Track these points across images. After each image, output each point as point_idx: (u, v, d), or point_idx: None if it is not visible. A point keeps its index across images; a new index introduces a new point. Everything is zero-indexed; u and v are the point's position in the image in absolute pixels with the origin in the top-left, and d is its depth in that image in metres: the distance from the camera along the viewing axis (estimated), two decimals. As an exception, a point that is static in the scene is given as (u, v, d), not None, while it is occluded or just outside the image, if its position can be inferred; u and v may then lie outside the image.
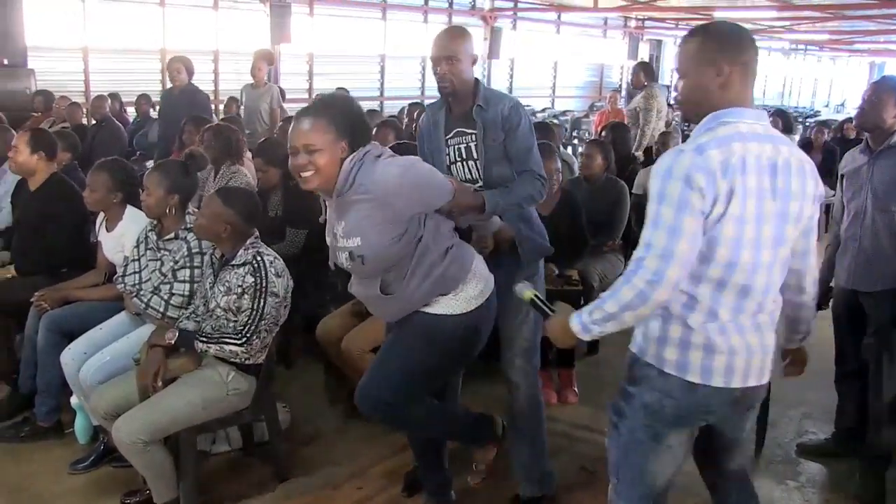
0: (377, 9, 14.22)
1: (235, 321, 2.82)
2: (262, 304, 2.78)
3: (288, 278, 2.89)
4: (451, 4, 15.64)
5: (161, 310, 3.07)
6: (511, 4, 16.34)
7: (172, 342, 2.79)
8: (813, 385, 4.08)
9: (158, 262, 3.18)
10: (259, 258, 2.82)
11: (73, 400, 3.27)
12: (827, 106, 26.40)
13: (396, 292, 2.37)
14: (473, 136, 2.74)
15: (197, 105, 5.97)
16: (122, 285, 3.25)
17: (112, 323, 3.25)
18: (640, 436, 1.94)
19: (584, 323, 1.88)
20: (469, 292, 2.43)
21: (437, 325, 2.41)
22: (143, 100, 8.34)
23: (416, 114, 6.51)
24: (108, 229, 3.47)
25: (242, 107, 6.95)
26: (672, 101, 8.08)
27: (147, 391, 2.74)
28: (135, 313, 3.21)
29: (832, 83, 31.66)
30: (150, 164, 6.50)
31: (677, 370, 1.87)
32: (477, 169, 2.76)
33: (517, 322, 2.80)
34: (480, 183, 2.75)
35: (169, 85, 7.66)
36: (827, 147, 8.15)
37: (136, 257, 3.27)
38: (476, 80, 2.76)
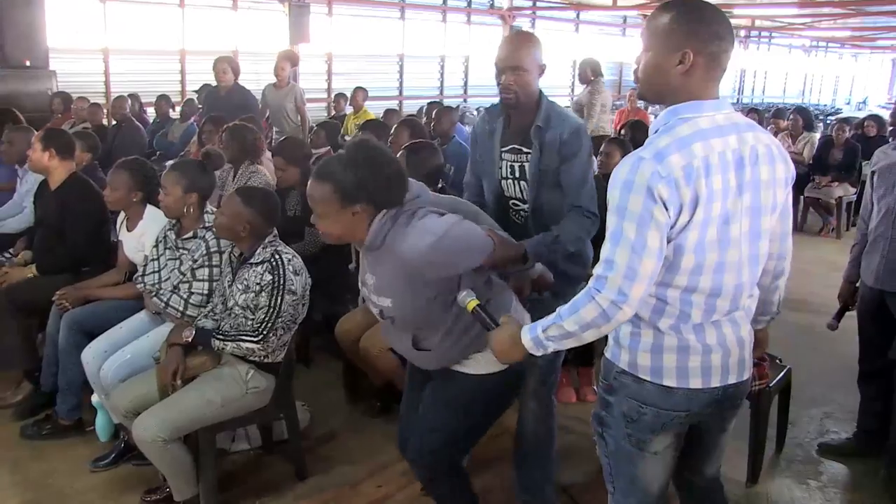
0: (396, 8, 14.24)
1: (253, 319, 2.82)
2: (279, 301, 2.78)
3: (306, 276, 2.89)
4: (469, 3, 15.62)
5: (180, 308, 3.08)
6: (530, 3, 16.29)
7: (190, 340, 2.80)
8: (834, 384, 4.07)
9: (177, 262, 3.20)
10: (277, 256, 2.82)
11: (94, 398, 3.29)
12: (848, 103, 26.11)
13: (431, 349, 2.24)
14: (527, 157, 2.62)
15: (247, 105, 5.97)
16: (142, 284, 3.26)
17: (132, 322, 3.27)
18: (625, 445, 1.87)
19: (537, 338, 1.79)
20: None
21: (479, 386, 2.26)
22: (162, 100, 8.39)
23: (434, 113, 6.50)
24: (129, 229, 3.49)
25: (266, 108, 6.98)
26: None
27: (167, 390, 2.75)
28: (154, 312, 3.22)
29: (854, 80, 31.30)
30: (169, 163, 6.55)
31: (652, 376, 1.80)
32: (524, 191, 2.67)
33: None
34: (527, 206, 2.67)
35: (201, 84, 7.70)
36: (848, 144, 8.05)
37: (156, 256, 3.28)
38: (540, 92, 2.62)
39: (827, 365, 4.39)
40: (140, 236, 3.43)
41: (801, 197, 7.98)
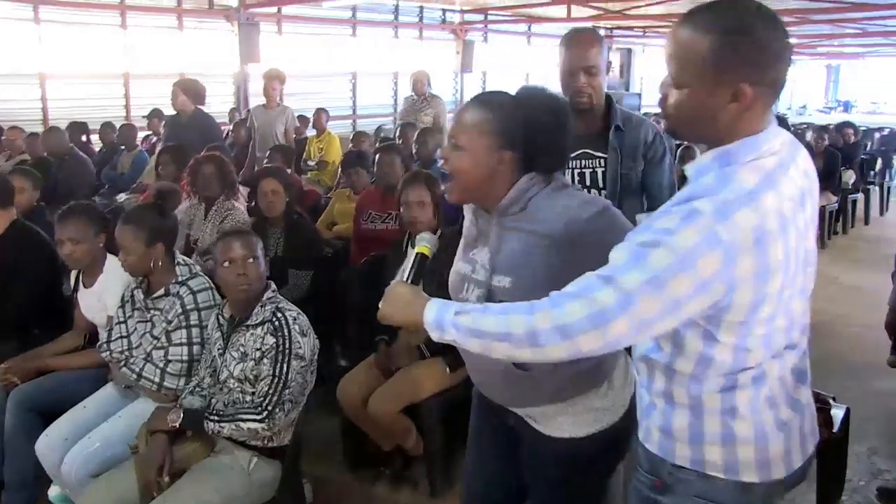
0: (347, 25, 13.87)
1: (253, 392, 2.34)
2: (285, 368, 2.30)
3: (314, 337, 2.42)
4: (421, 19, 15.35)
5: (157, 380, 2.59)
6: (481, 17, 16.05)
7: (177, 425, 2.30)
8: (869, 415, 3.74)
9: (149, 324, 2.70)
10: (280, 315, 2.35)
11: (53, 491, 2.75)
12: (790, 109, 26.52)
13: (534, 370, 1.71)
14: (602, 162, 2.41)
15: (210, 134, 5.42)
16: (108, 353, 2.74)
17: (98, 399, 2.74)
18: None
19: (443, 319, 1.44)
20: (614, 395, 1.81)
21: (577, 452, 1.79)
22: (108, 128, 7.74)
23: (416, 136, 6.06)
24: (87, 284, 2.96)
25: (254, 130, 6.46)
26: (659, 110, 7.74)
27: (150, 489, 2.24)
28: (125, 385, 2.70)
29: (794, 86, 31.98)
30: (121, 197, 5.99)
31: (726, 472, 1.42)
32: None
33: None
34: None
35: (151, 109, 7.05)
36: (828, 153, 7.91)
37: (122, 319, 2.77)
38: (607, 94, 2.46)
39: (851, 391, 4.07)
40: (101, 293, 2.91)
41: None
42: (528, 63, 18.15)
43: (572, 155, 2.50)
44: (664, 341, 1.40)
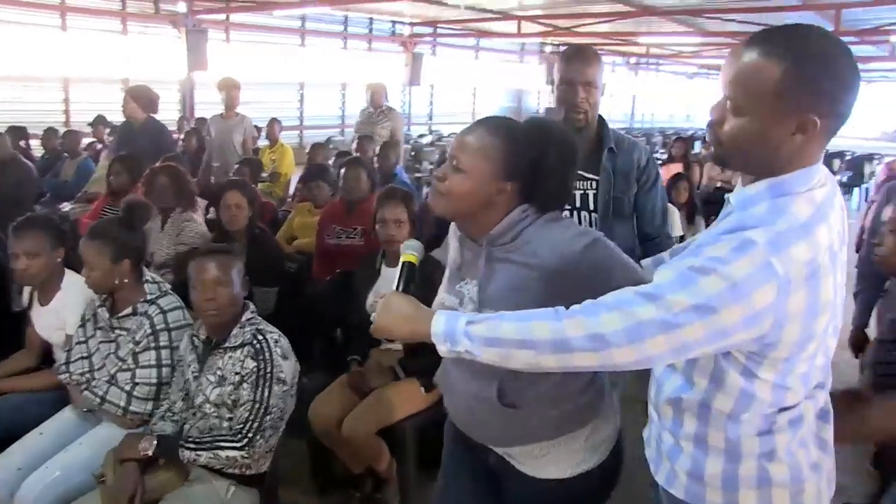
0: (296, 35, 13.72)
1: (231, 418, 2.21)
2: (266, 393, 2.18)
3: (295, 361, 2.30)
4: (370, 30, 15.29)
5: (122, 404, 2.43)
6: (431, 30, 16.07)
7: (150, 453, 2.15)
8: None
9: (113, 345, 2.53)
10: (260, 337, 2.23)
11: (5, 525, 2.54)
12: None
13: (521, 406, 1.63)
14: (594, 184, 2.34)
15: (162, 144, 5.20)
16: (67, 375, 2.57)
17: (55, 424, 2.54)
18: None
19: (454, 331, 1.35)
20: (602, 432, 1.72)
21: (563, 494, 1.69)
22: (50, 134, 7.41)
23: (378, 149, 5.99)
24: (43, 302, 2.77)
25: (209, 138, 6.26)
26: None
27: (120, 522, 2.09)
28: (86, 409, 2.53)
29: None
30: (65, 206, 5.72)
31: None
32: (592, 223, 2.35)
33: None
34: None
35: (95, 115, 6.82)
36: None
37: (83, 338, 2.60)
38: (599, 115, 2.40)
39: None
40: (59, 310, 2.73)
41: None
42: (475, 78, 18.26)
43: None
44: (699, 377, 1.34)
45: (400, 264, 1.62)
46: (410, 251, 1.63)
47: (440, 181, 1.62)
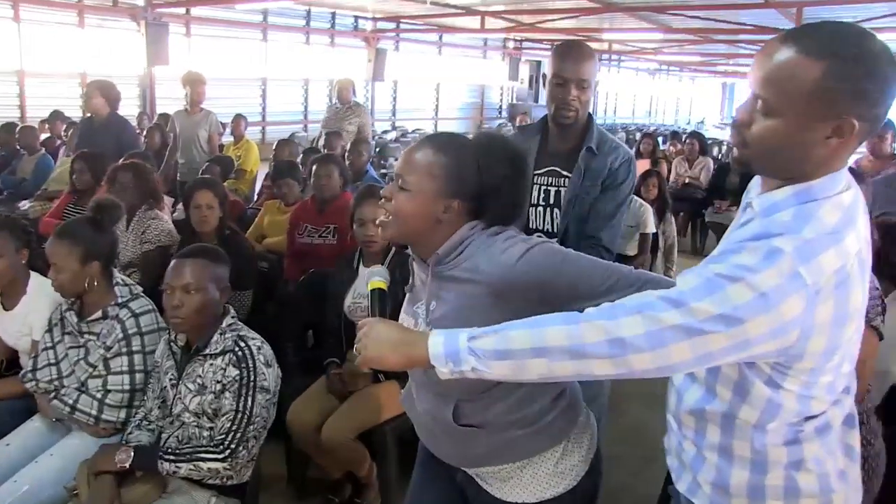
0: (257, 29, 13.50)
1: (212, 428, 2.13)
2: (249, 403, 2.10)
3: (277, 368, 2.23)
4: (333, 25, 15.12)
5: (94, 412, 2.34)
6: (393, 25, 15.95)
7: (127, 465, 2.06)
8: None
9: (82, 350, 2.43)
10: (243, 344, 2.15)
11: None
12: (689, 123, 27.64)
13: (483, 425, 1.57)
14: (565, 182, 2.30)
15: (125, 140, 5.06)
16: (34, 382, 2.46)
17: (22, 435, 2.43)
18: None
19: (457, 350, 1.27)
20: (574, 455, 1.64)
21: None
22: (6, 130, 7.15)
23: (333, 144, 5.92)
24: (6, 306, 2.65)
25: (173, 134, 6.10)
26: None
27: (95, 538, 2.00)
28: (55, 419, 2.43)
29: (692, 102, 33.42)
30: (23, 204, 5.53)
31: None
32: (556, 220, 2.32)
33: None
34: (555, 239, 2.22)
35: (51, 111, 6.63)
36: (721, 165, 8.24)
37: (50, 344, 2.50)
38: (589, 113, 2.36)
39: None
40: (25, 315, 2.61)
41: (698, 220, 7.95)
42: (438, 73, 18.19)
43: (540, 171, 2.42)
44: (722, 388, 1.30)
45: (369, 293, 1.56)
46: (376, 278, 1.57)
47: (386, 200, 1.56)
